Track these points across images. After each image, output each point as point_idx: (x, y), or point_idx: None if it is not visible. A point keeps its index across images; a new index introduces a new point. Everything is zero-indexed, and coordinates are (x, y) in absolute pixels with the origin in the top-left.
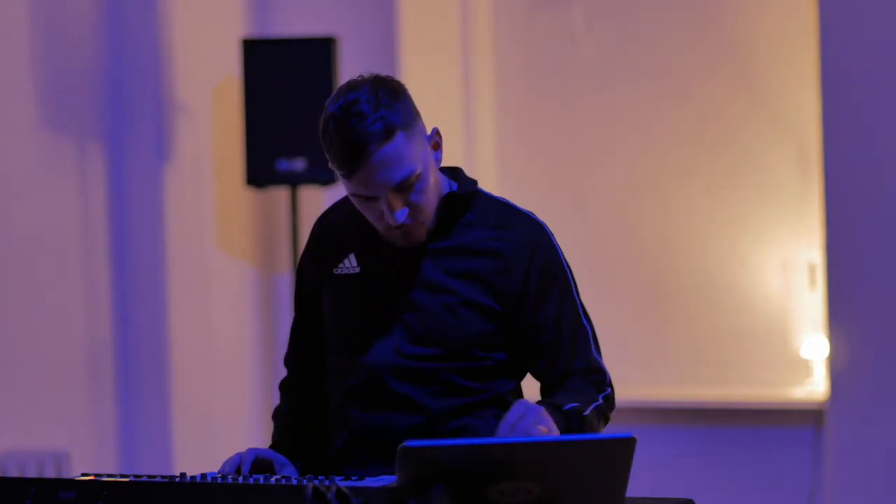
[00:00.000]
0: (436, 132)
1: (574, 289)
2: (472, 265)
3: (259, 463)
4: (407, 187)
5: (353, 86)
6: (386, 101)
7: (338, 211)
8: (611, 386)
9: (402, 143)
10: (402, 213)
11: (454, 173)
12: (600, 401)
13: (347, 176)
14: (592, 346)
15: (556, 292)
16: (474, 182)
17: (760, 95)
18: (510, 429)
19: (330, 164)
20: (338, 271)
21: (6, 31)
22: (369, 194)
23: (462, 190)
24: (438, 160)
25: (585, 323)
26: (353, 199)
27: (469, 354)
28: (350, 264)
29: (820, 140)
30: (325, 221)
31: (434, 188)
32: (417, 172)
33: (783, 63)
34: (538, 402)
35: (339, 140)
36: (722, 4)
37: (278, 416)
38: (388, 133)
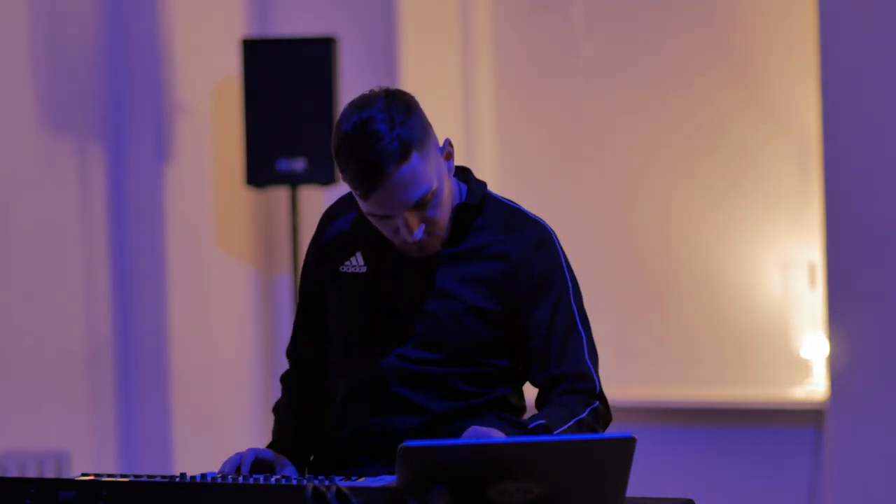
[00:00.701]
0: (448, 143)
1: (573, 295)
2: (480, 270)
3: (259, 463)
4: (423, 204)
5: (365, 102)
6: (401, 118)
7: (345, 207)
8: (600, 399)
9: (417, 161)
10: (419, 231)
11: (464, 174)
12: (584, 415)
13: (364, 196)
14: (586, 354)
15: (551, 296)
16: (484, 185)
17: (760, 95)
18: None
19: (343, 181)
20: (344, 269)
21: (6, 31)
22: (386, 213)
23: (473, 197)
24: (451, 169)
25: (581, 330)
26: (368, 217)
27: (473, 360)
28: (357, 263)
29: (820, 140)
30: (332, 218)
31: (448, 199)
32: (433, 189)
33: (783, 63)
34: (507, 423)
35: (354, 161)
36: (722, 4)
37: (279, 409)
38: (404, 153)
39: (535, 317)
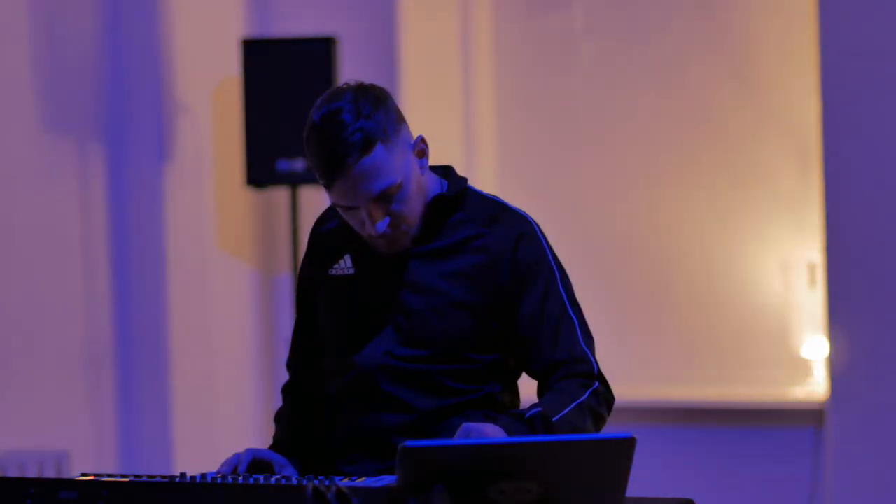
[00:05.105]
0: (420, 139)
1: (559, 280)
2: (460, 263)
3: (257, 463)
4: (387, 198)
5: (335, 94)
6: (367, 111)
7: (332, 215)
8: (600, 379)
9: (381, 154)
10: (382, 224)
11: (445, 172)
12: (584, 398)
13: (328, 186)
14: (580, 337)
15: (538, 284)
16: (464, 180)
17: (760, 95)
18: None
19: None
20: (333, 272)
21: (6, 31)
22: (349, 204)
23: (452, 190)
24: (424, 166)
25: (572, 314)
26: (336, 208)
27: (459, 356)
28: (345, 265)
29: (820, 140)
30: (323, 223)
31: (417, 195)
32: (398, 183)
33: (783, 63)
34: (505, 414)
35: (318, 150)
36: (722, 4)
37: (280, 417)
38: (366, 145)
39: (524, 306)
